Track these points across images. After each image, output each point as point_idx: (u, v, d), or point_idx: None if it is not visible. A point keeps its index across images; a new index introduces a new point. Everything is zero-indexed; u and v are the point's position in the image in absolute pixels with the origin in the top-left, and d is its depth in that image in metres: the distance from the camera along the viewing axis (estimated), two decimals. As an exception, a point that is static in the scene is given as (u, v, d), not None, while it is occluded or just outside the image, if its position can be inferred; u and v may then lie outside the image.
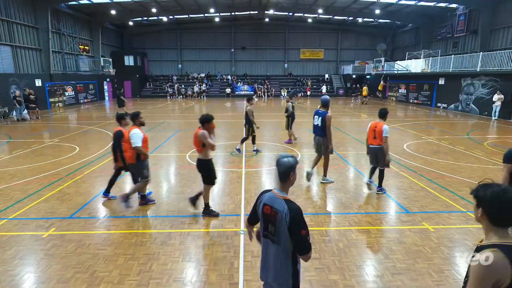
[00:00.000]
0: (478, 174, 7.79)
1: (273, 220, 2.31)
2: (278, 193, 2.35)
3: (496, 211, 1.63)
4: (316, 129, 7.04)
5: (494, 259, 1.57)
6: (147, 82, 38.46)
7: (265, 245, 2.45)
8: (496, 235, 1.66)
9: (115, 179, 6.32)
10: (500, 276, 1.56)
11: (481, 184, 1.72)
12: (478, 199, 1.70)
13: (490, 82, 19.35)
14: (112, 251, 4.44)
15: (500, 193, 1.61)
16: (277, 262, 2.36)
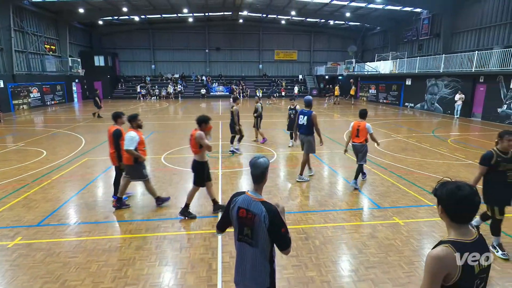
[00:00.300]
0: (443, 170, 8.23)
1: (250, 223, 2.27)
2: (254, 195, 2.33)
3: (452, 208, 1.69)
4: (301, 128, 7.27)
5: (443, 253, 1.64)
6: (119, 83, 37.27)
7: (240, 248, 2.41)
8: (454, 232, 1.73)
9: (119, 179, 6.10)
10: (449, 270, 1.63)
11: (439, 183, 1.78)
12: (437, 197, 1.76)
13: (452, 83, 20.50)
14: (84, 258, 4.29)
15: (454, 190, 1.67)
16: (255, 264, 2.34)
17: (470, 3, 22.00)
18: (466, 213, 1.69)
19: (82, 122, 17.53)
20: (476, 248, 1.69)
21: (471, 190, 1.67)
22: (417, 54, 26.98)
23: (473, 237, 1.72)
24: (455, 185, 1.69)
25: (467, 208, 1.67)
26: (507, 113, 16.70)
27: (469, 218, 1.71)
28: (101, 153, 10.05)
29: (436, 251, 1.67)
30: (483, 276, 1.73)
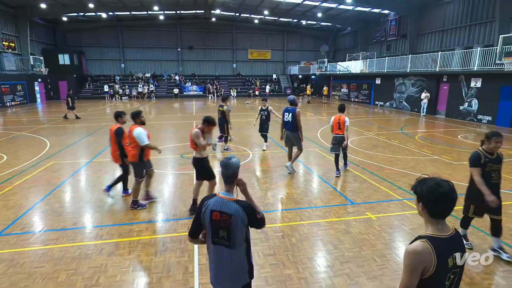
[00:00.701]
0: (411, 165, 8.59)
1: (225, 224, 2.25)
2: (226, 196, 2.31)
3: (432, 204, 1.75)
4: (287, 124, 7.70)
5: (419, 248, 1.71)
6: (86, 83, 35.65)
7: (216, 252, 2.36)
8: (432, 227, 1.79)
9: (126, 175, 6.24)
10: (425, 264, 1.70)
11: (419, 180, 1.82)
12: (417, 194, 1.80)
13: (418, 82, 21.47)
14: (51, 268, 4.05)
15: (434, 187, 1.72)
16: (234, 266, 2.35)
17: (433, 6, 23.14)
18: (445, 209, 1.75)
19: (46, 124, 16.62)
20: (451, 243, 1.77)
21: (450, 186, 1.74)
22: (385, 54, 28.01)
23: (450, 233, 1.78)
24: (435, 182, 1.74)
25: (446, 204, 1.74)
26: (468, 110, 17.74)
27: (447, 214, 1.77)
28: (68, 156, 9.60)
29: (413, 246, 1.73)
30: (457, 271, 1.80)
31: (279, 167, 8.45)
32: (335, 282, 3.79)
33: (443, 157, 9.39)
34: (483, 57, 16.23)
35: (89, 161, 9.11)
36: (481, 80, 16.86)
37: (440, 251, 1.71)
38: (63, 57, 32.66)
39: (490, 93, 16.30)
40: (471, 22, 20.43)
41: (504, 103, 15.67)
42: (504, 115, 15.70)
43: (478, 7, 19.86)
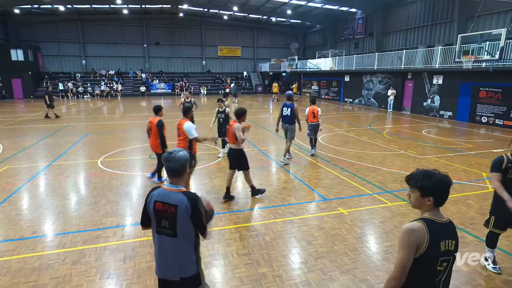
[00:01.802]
0: (379, 160, 8.88)
1: (168, 214, 2.32)
2: (171, 187, 2.36)
3: (441, 194, 1.86)
4: (285, 118, 8.50)
5: (415, 226, 1.83)
6: (43, 80, 33.21)
7: (159, 241, 2.43)
8: (429, 213, 1.90)
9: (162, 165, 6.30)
10: (419, 242, 1.79)
11: (422, 175, 1.88)
12: (425, 189, 1.85)
13: (385, 79, 22.29)
14: (8, 281, 3.73)
15: (442, 179, 1.85)
16: (176, 255, 2.38)
17: (398, 5, 24.11)
18: (447, 196, 1.88)
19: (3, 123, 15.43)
20: (445, 229, 1.89)
21: (446, 174, 1.89)
22: (353, 52, 28.81)
23: (445, 220, 1.91)
24: (439, 174, 1.86)
25: (449, 191, 1.87)
26: (431, 106, 18.69)
27: (446, 199, 1.90)
28: (24, 160, 8.93)
29: (409, 224, 1.85)
30: (450, 258, 1.88)
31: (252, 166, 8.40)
32: (309, 278, 3.80)
33: (409, 152, 9.79)
34: (444, 55, 17.14)
35: (49, 164, 8.54)
36: (442, 77, 17.81)
37: (433, 232, 1.81)
38: (16, 53, 30.13)
39: (451, 90, 17.26)
40: (433, 22, 21.51)
41: (463, 99, 16.67)
42: (463, 111, 16.70)
43: (438, 7, 20.94)
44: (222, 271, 3.97)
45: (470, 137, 12.53)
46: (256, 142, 11.08)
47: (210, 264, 4.09)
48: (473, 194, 6.39)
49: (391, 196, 6.31)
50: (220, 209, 5.73)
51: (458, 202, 5.97)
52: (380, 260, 4.17)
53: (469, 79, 16.14)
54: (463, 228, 4.98)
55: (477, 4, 16.99)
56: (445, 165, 8.35)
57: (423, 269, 1.82)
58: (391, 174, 7.65)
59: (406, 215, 5.43)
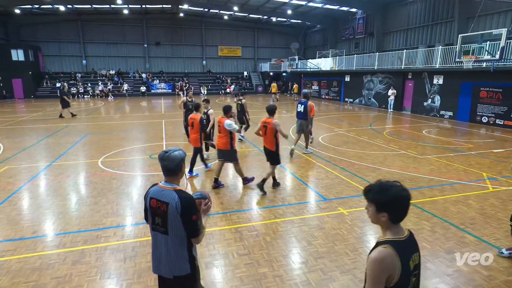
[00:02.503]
0: (380, 160, 8.87)
1: (160, 212, 2.35)
2: (166, 185, 2.38)
3: (398, 209, 1.71)
4: (299, 114, 9.38)
5: (384, 254, 1.65)
6: (43, 80, 33.32)
7: (154, 238, 2.48)
8: (390, 232, 1.74)
9: (195, 158, 7.31)
10: (390, 272, 1.64)
11: (377, 188, 1.74)
12: (378, 204, 1.72)
13: (385, 79, 22.28)
14: (8, 281, 3.73)
15: (399, 193, 1.70)
16: (168, 252, 2.40)
17: (398, 5, 24.09)
18: (406, 212, 1.73)
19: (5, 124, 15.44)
20: (408, 245, 1.75)
21: (406, 188, 1.73)
22: (354, 52, 28.78)
23: (406, 235, 1.77)
24: (398, 187, 1.72)
25: (408, 207, 1.72)
26: (431, 106, 18.67)
27: (405, 215, 1.74)
28: (24, 160, 8.93)
29: (376, 253, 1.67)
30: (417, 273, 1.78)
31: (253, 166, 8.41)
32: (310, 278, 3.80)
33: (409, 152, 9.79)
34: (444, 55, 17.12)
35: (49, 164, 8.54)
36: (442, 77, 17.80)
37: (402, 255, 1.67)
38: (17, 53, 30.13)
39: (451, 90, 17.25)
40: (433, 22, 21.49)
41: (464, 99, 16.65)
42: (463, 111, 16.69)
43: (439, 7, 20.92)
44: (223, 271, 3.97)
45: (470, 137, 12.52)
46: (256, 142, 11.07)
47: (211, 264, 4.09)
48: (473, 194, 6.39)
49: (391, 196, 6.29)
50: (220, 209, 5.74)
51: (458, 202, 5.97)
52: (380, 260, 4.16)
53: (470, 79, 16.12)
54: (464, 228, 4.98)
55: (478, 4, 16.98)
56: (445, 165, 8.34)
57: None
58: (392, 174, 7.64)
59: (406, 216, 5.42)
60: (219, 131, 6.51)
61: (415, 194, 6.39)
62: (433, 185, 6.89)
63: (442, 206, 5.83)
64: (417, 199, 6.13)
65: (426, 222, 5.17)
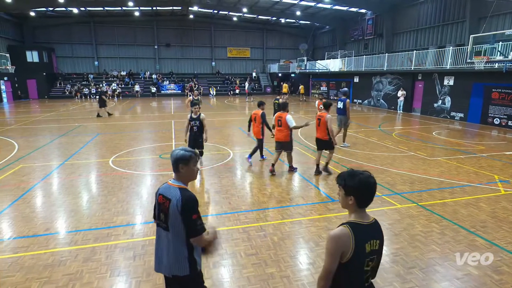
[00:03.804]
0: (388, 162, 8.80)
1: (165, 208, 2.38)
2: (174, 182, 2.43)
3: (362, 195, 1.89)
4: (339, 110, 10.49)
5: (341, 233, 1.84)
6: (56, 81, 34.09)
7: (157, 233, 2.51)
8: (355, 215, 1.93)
9: (256, 148, 8.41)
10: (344, 248, 1.82)
11: (346, 174, 1.93)
12: (346, 188, 1.90)
13: (395, 80, 22.06)
14: (22, 277, 3.83)
15: (365, 179, 1.87)
16: (169, 249, 2.41)
17: (408, 6, 23.85)
18: (371, 198, 1.92)
19: (14, 125, 15.81)
20: (371, 230, 1.93)
21: (373, 177, 1.92)
22: (363, 53, 28.59)
23: (370, 221, 1.94)
24: (363, 174, 1.89)
25: (373, 193, 1.91)
26: (442, 108, 18.42)
27: (371, 201, 1.93)
28: (38, 159, 9.14)
29: (334, 231, 1.87)
30: (374, 257, 1.92)
31: (260, 166, 8.43)
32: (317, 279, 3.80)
33: (419, 153, 9.68)
34: (455, 56, 16.88)
35: (62, 163, 8.72)
36: (453, 78, 17.54)
37: (358, 236, 1.84)
38: (32, 54, 30.96)
39: (462, 91, 16.99)
40: (444, 22, 21.22)
41: (475, 100, 16.38)
42: (475, 112, 16.42)
43: (450, 7, 20.65)
44: (230, 270, 3.99)
45: (481, 139, 12.31)
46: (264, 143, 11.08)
47: (218, 263, 4.13)
48: (484, 197, 6.29)
49: (400, 198, 6.25)
50: (228, 209, 5.78)
51: (469, 205, 5.89)
52: (388, 262, 4.14)
53: (481, 80, 15.85)
54: (474, 232, 4.91)
55: (490, 4, 16.70)
56: (456, 167, 8.23)
57: (351, 271, 1.88)
58: (400, 175, 7.58)
59: (415, 217, 5.38)
60: (279, 125, 7.45)
61: (425, 196, 6.33)
62: (443, 187, 6.81)
63: (452, 208, 5.76)
64: (426, 201, 6.07)
65: (435, 225, 5.12)
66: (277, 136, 7.56)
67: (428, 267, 4.02)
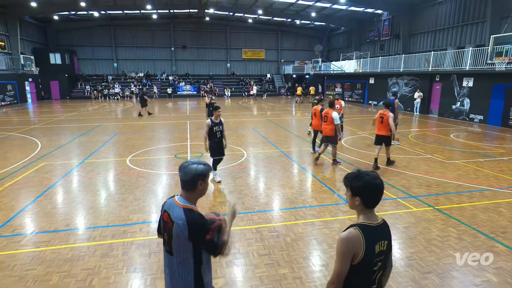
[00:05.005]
0: (404, 164, 8.65)
1: (168, 229, 2.09)
2: (179, 201, 2.09)
3: (369, 195, 1.90)
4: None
5: (351, 235, 1.85)
6: (78, 82, 35.26)
7: (164, 253, 2.23)
8: (363, 216, 1.94)
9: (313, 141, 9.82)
10: (355, 251, 1.83)
11: (353, 176, 1.94)
12: (353, 189, 1.92)
13: (411, 81, 21.64)
14: (43, 270, 3.99)
15: (371, 180, 1.88)
16: (173, 274, 2.13)
17: (426, 6, 23.35)
18: (378, 199, 1.92)
19: (38, 124, 16.40)
20: (379, 231, 1.93)
21: (380, 178, 1.94)
22: (379, 54, 28.17)
23: (378, 222, 1.95)
24: (369, 175, 1.91)
25: (380, 195, 1.92)
26: (460, 110, 17.94)
27: (378, 203, 1.94)
28: (60, 157, 9.47)
29: (346, 233, 1.87)
30: (382, 258, 1.93)
31: (274, 167, 8.45)
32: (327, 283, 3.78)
33: (435, 156, 9.47)
34: (475, 57, 16.42)
35: (81, 161, 9.01)
36: (473, 79, 17.06)
37: (368, 238, 1.85)
38: (55, 57, 32.20)
39: (482, 93, 16.50)
40: (463, 22, 20.66)
41: (496, 102, 15.88)
42: (495, 114, 15.91)
43: (469, 7, 20.09)
44: (243, 270, 4.03)
45: (502, 142, 11.92)
46: (278, 144, 11.11)
47: (231, 262, 4.17)
48: (505, 202, 6.10)
49: (416, 201, 6.15)
50: (242, 208, 5.82)
51: (488, 210, 5.73)
52: (403, 266, 4.08)
53: (502, 81, 15.36)
54: (494, 237, 4.78)
55: (513, 3, 16.17)
56: (474, 171, 8.02)
57: (361, 272, 1.88)
58: (416, 178, 7.44)
59: (432, 221, 5.28)
60: (325, 120, 8.29)
61: (442, 200, 6.20)
62: (461, 191, 6.65)
63: (470, 213, 5.62)
64: (443, 205, 5.94)
65: (452, 229, 5.01)
66: (324, 130, 8.41)
67: (445, 273, 3.94)
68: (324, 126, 8.42)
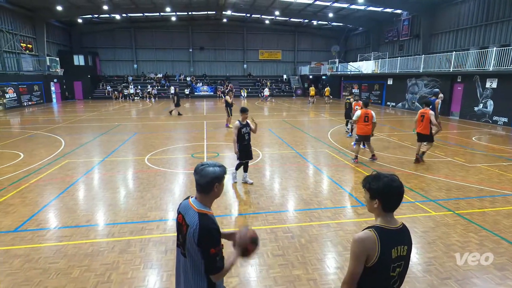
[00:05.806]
0: (423, 167, 8.45)
1: (182, 232, 2.06)
2: (194, 204, 2.06)
3: (388, 198, 1.85)
4: None
5: (365, 236, 1.82)
6: (100, 83, 36.39)
7: (177, 254, 2.21)
8: (381, 219, 1.89)
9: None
10: (369, 252, 1.79)
11: (371, 178, 1.91)
12: (371, 191, 1.88)
13: (431, 82, 21.09)
14: (65, 264, 4.15)
15: (389, 183, 1.84)
16: (187, 276, 2.10)
17: (447, 5, 22.71)
18: (397, 202, 1.87)
19: (62, 123, 17.01)
20: (398, 235, 1.88)
21: (399, 180, 1.88)
22: (398, 54, 27.59)
23: (397, 226, 1.90)
24: (388, 178, 1.86)
25: (399, 198, 1.87)
26: (483, 112, 17.33)
27: (397, 206, 1.88)
28: (82, 155, 9.80)
29: (360, 234, 1.85)
30: (401, 263, 1.88)
31: (289, 168, 8.44)
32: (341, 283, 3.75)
33: (456, 159, 9.20)
34: (499, 57, 15.84)
35: (102, 159, 9.29)
36: (496, 80, 16.46)
37: (384, 241, 1.81)
38: (78, 58, 33.38)
39: (506, 94, 15.88)
40: (487, 22, 19.96)
41: (521, 104, 15.26)
42: (521, 117, 15.29)
43: (494, 6, 19.39)
44: (257, 270, 4.05)
45: (529, 146, 11.44)
46: (293, 145, 11.08)
47: (246, 262, 4.20)
48: (530, 208, 5.86)
49: (435, 205, 6.00)
50: (257, 209, 5.85)
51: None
52: (420, 271, 4.00)
53: (530, 83, 14.75)
54: None
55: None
56: (497, 175, 7.73)
57: (376, 275, 1.84)
58: (436, 182, 7.25)
59: (451, 226, 5.14)
60: (365, 120, 8.67)
61: (462, 204, 6.02)
62: (483, 196, 6.44)
63: (492, 218, 5.43)
64: (464, 209, 5.77)
65: (473, 235, 4.87)
66: (363, 130, 8.71)
67: (465, 279, 3.83)
68: (364, 125, 8.75)
